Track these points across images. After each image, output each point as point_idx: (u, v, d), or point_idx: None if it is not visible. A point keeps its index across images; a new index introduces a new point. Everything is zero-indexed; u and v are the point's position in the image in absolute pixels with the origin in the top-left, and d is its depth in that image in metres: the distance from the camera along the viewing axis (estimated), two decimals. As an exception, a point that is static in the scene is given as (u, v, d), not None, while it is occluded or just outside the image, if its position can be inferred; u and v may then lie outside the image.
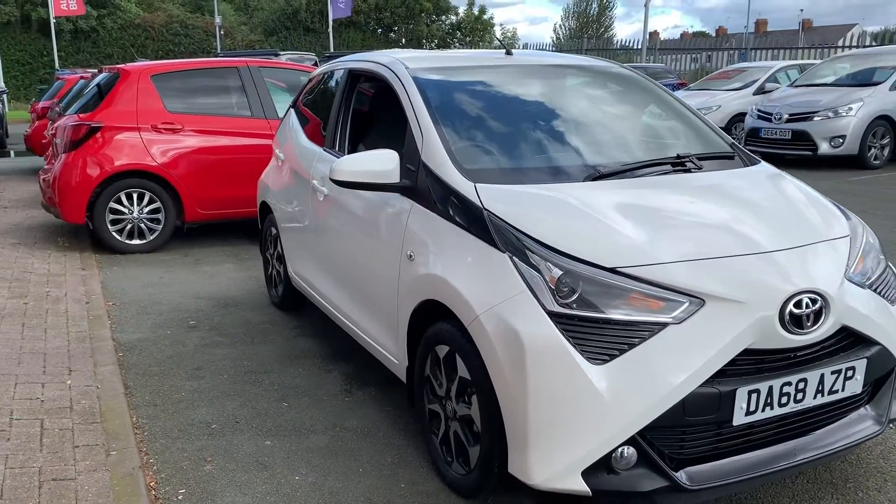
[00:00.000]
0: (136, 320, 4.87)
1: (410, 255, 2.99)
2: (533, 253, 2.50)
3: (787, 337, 2.42)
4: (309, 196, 4.20)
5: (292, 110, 5.02)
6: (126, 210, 6.59)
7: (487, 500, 2.78)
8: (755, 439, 2.50)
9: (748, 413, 2.41)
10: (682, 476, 2.38)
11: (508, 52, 3.88)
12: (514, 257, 2.53)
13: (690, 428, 2.38)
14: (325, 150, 4.15)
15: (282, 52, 23.35)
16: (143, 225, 6.66)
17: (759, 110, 12.14)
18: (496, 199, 2.74)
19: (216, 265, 6.29)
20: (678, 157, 3.20)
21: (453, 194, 2.86)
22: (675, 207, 2.80)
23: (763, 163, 3.43)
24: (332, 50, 29.67)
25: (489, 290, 2.54)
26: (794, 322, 2.42)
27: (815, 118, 11.19)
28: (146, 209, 6.64)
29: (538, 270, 2.46)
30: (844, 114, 11.02)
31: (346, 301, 3.78)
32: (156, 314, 4.98)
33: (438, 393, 2.90)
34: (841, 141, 10.99)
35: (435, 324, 2.89)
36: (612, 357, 2.33)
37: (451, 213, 2.85)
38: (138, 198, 6.60)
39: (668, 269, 2.43)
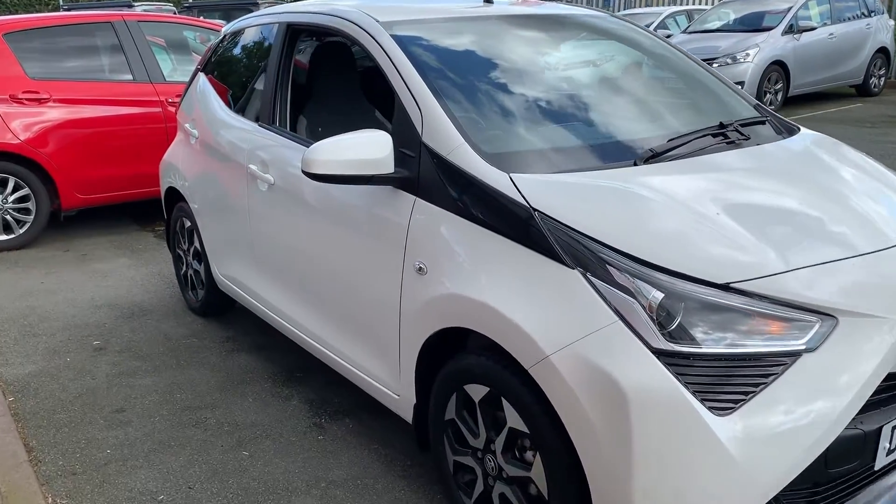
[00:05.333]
0: (22, 346, 3.89)
1: (421, 268, 2.31)
2: (618, 270, 1.89)
3: (929, 355, 1.95)
4: (243, 184, 3.39)
5: (202, 75, 4.11)
6: (-14, 200, 5.44)
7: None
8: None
9: (889, 452, 1.95)
10: (817, 540, 1.89)
11: (488, 1, 3.19)
12: (589, 275, 1.91)
13: (828, 482, 1.90)
14: (261, 126, 3.34)
15: (136, 3, 21.23)
16: (9, 217, 5.52)
17: (659, 58, 11.95)
18: (545, 193, 2.10)
19: (108, 261, 5.29)
20: (721, 125, 2.66)
21: (481, 188, 2.19)
22: (763, 197, 2.25)
23: (804, 129, 2.95)
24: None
25: (560, 321, 1.91)
26: (934, 335, 1.96)
27: (715, 64, 11.09)
28: (11, 198, 5.49)
29: (630, 294, 1.86)
30: (742, 60, 10.98)
31: (311, 318, 3.04)
32: (46, 335, 4.02)
33: (472, 444, 2.28)
34: (740, 87, 10.97)
35: (460, 356, 2.25)
36: (739, 403, 1.78)
37: (478, 213, 2.18)
38: (1, 184, 5.45)
39: (789, 280, 1.90)
